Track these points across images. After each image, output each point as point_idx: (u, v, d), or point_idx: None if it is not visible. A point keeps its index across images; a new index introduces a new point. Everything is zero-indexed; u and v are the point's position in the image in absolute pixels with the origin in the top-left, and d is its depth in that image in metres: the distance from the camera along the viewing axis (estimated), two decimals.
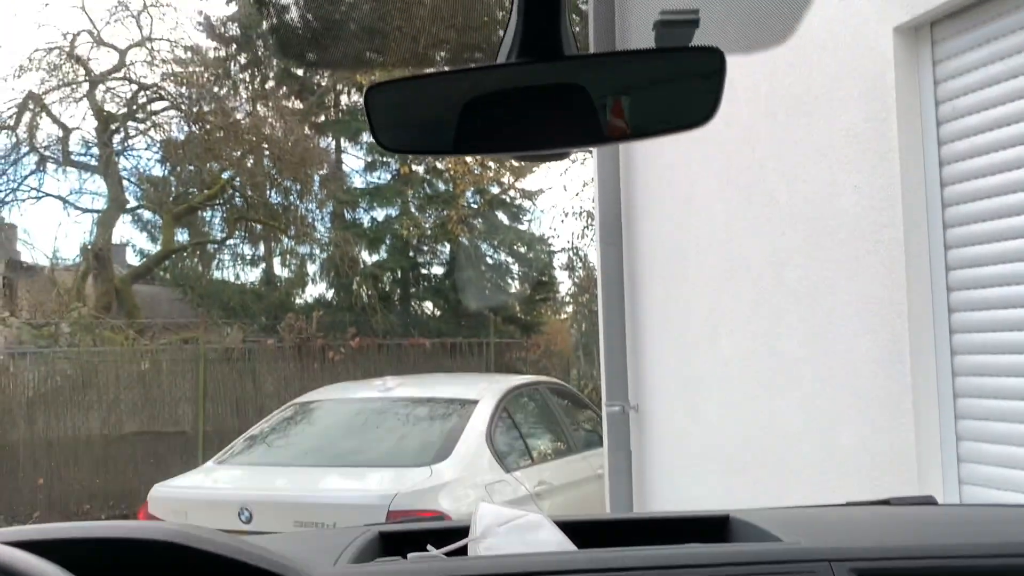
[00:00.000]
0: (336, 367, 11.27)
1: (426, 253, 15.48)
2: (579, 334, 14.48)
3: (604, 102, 1.09)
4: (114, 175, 14.32)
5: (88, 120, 14.70)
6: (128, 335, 11.93)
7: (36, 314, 12.69)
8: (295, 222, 14.60)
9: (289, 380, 11.12)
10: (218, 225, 15.80)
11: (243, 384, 11.29)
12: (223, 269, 15.83)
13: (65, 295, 13.21)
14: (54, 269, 14.42)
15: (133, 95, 14.58)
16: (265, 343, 11.92)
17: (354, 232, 14.64)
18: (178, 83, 14.30)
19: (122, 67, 14.43)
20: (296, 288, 15.38)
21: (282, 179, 14.49)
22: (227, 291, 14.77)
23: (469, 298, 14.02)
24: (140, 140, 14.82)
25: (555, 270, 16.00)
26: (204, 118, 14.06)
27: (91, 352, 11.13)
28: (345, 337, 11.95)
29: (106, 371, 10.90)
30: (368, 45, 1.32)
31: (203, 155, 14.01)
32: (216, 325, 13.20)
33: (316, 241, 14.92)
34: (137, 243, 16.05)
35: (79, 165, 14.56)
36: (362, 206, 15.28)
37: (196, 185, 14.94)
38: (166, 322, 13.59)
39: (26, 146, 13.96)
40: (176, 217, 14.78)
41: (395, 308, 14.72)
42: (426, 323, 14.41)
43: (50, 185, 17.28)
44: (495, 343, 12.86)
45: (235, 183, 14.89)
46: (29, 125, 13.93)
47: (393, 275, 15.14)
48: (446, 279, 15.11)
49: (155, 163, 15.04)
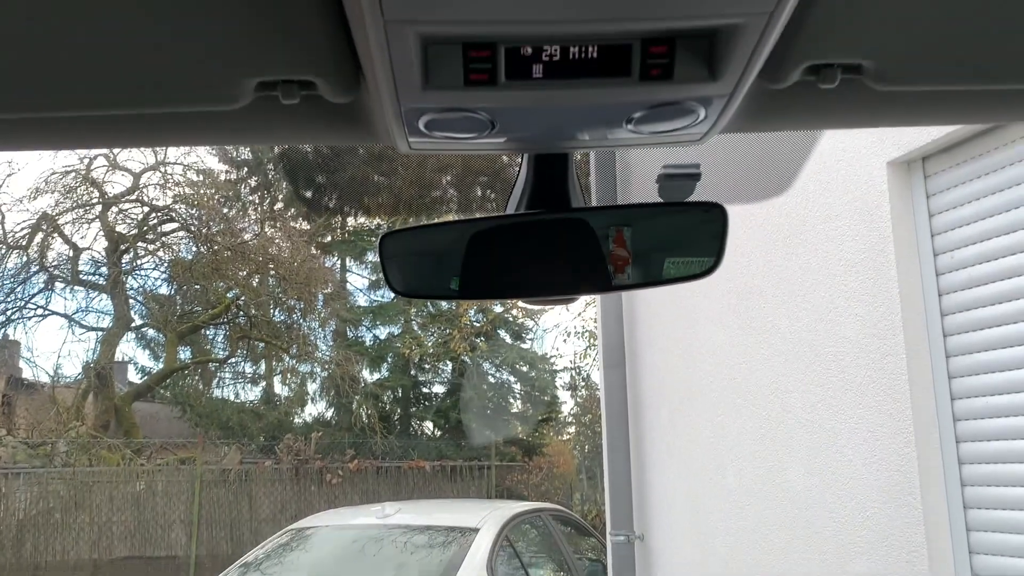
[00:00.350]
0: (334, 490, 11.05)
1: (428, 372, 15.44)
2: (582, 456, 14.25)
3: (611, 251, 1.12)
4: (121, 294, 14.46)
5: (99, 241, 14.98)
6: (124, 455, 11.76)
7: (33, 433, 12.55)
8: (297, 340, 14.63)
9: (286, 503, 10.88)
10: (221, 343, 15.82)
11: (239, 507, 11.04)
12: (223, 387, 15.75)
13: (64, 413, 13.09)
14: (55, 387, 14.34)
15: (144, 216, 14.90)
16: (263, 464, 11.74)
17: (356, 350, 14.65)
18: (189, 205, 14.64)
19: (135, 190, 14.81)
20: (295, 407, 15.25)
21: (287, 298, 14.62)
22: (226, 410, 14.64)
23: (471, 423, 13.88)
24: (149, 260, 15.05)
25: (557, 389, 15.90)
26: (213, 239, 14.32)
27: (86, 472, 10.95)
28: (344, 459, 11.78)
29: (100, 492, 10.69)
30: (375, 193, 1.37)
31: (210, 274, 14.19)
32: (214, 445, 13.03)
33: (317, 359, 14.91)
34: (139, 361, 16.06)
35: (87, 284, 14.73)
36: (365, 324, 15.35)
37: (201, 303, 15.06)
38: (164, 441, 13.41)
39: (36, 265, 14.16)
40: (180, 335, 14.83)
41: (395, 428, 14.56)
42: (426, 444, 14.21)
43: (56, 303, 17.44)
44: (496, 466, 12.64)
45: (240, 302, 15.01)
46: (41, 245, 14.17)
47: (394, 394, 15.05)
48: (447, 398, 15.00)
49: (162, 282, 15.21)
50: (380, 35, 0.75)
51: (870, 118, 1.08)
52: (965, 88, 1.00)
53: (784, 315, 3.99)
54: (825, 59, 0.89)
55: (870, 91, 0.97)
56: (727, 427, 4.40)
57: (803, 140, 1.31)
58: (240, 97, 0.89)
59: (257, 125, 1.02)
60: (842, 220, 3.66)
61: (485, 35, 0.78)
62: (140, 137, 1.08)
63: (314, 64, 0.85)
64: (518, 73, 0.82)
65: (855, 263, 3.57)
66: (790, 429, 3.91)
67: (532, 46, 0.80)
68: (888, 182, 3.41)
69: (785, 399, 3.95)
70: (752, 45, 0.80)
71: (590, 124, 0.97)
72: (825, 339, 3.72)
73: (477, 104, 0.87)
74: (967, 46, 0.89)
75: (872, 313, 3.46)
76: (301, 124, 1.02)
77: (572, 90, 0.85)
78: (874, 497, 3.41)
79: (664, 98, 0.88)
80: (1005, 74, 0.95)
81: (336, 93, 0.90)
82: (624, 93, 0.86)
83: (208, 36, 0.80)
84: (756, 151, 1.33)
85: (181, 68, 0.85)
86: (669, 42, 0.81)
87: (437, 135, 0.95)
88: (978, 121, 1.12)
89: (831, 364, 3.68)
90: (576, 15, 0.75)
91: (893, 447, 3.33)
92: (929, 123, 1.12)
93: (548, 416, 15.90)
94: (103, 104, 0.92)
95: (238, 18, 0.78)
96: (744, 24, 0.77)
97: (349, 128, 1.04)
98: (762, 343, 4.12)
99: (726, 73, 0.83)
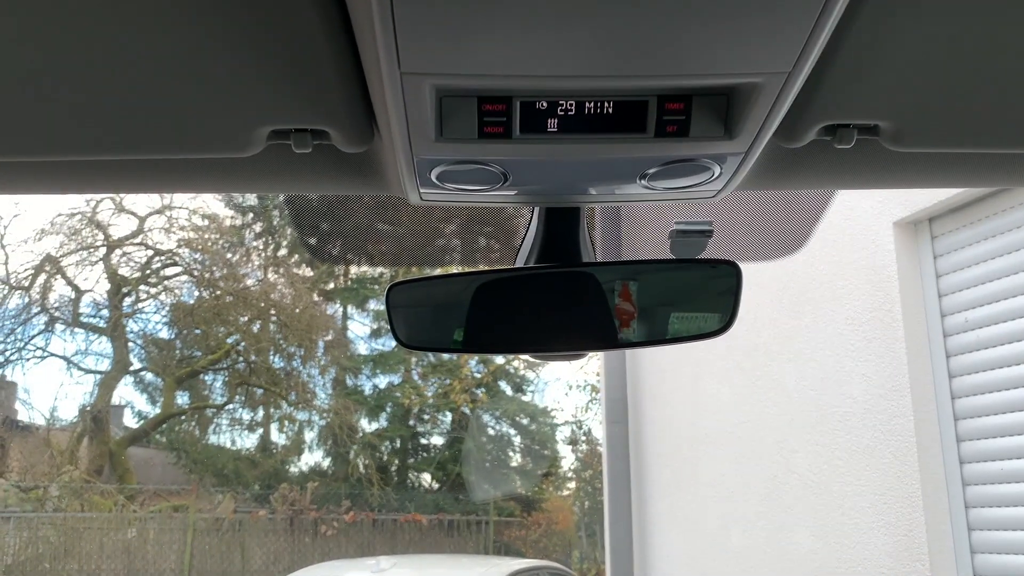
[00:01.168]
0: (328, 542, 10.87)
1: (427, 422, 15.30)
2: (582, 512, 14.04)
3: (620, 307, 1.10)
4: (121, 337, 14.43)
5: (101, 283, 15.00)
6: (117, 500, 11.60)
7: (26, 476, 12.40)
8: (296, 387, 14.54)
9: (279, 555, 10.69)
10: (219, 389, 15.72)
11: (231, 557, 10.85)
12: (220, 434, 15.59)
13: (58, 457, 12.95)
14: (50, 429, 14.21)
15: (148, 260, 14.94)
16: (257, 514, 11.56)
17: (355, 399, 14.54)
18: (192, 249, 14.69)
19: (140, 233, 14.87)
20: (292, 455, 15.07)
21: (287, 344, 14.57)
22: (222, 457, 14.48)
23: (470, 476, 13.71)
24: (150, 303, 15.05)
25: (558, 443, 15.73)
26: (215, 283, 14.33)
27: (77, 518, 10.79)
28: (339, 510, 11.61)
29: (91, 539, 10.51)
30: (381, 243, 1.38)
31: (211, 319, 14.17)
32: (208, 492, 12.86)
33: (316, 407, 14.80)
34: (136, 405, 15.91)
35: (87, 327, 14.70)
36: (365, 373, 15.26)
37: (201, 348, 15.00)
38: (158, 488, 13.24)
39: (37, 307, 14.15)
40: (178, 380, 14.74)
41: (392, 480, 14.38)
42: (423, 497, 14.02)
43: (56, 345, 17.39)
44: (495, 521, 12.44)
45: (240, 347, 14.96)
46: (43, 287, 14.19)
47: (392, 444, 14.89)
48: (446, 450, 14.84)
49: (162, 326, 15.18)
50: (396, 87, 0.74)
51: (885, 179, 1.07)
52: (981, 151, 0.99)
53: (790, 373, 3.96)
54: (842, 120, 0.88)
55: (886, 152, 0.96)
56: (732, 487, 4.33)
57: (817, 199, 1.30)
58: (252, 145, 0.88)
59: (268, 173, 1.01)
60: (849, 279, 3.64)
61: (500, 89, 0.77)
62: (150, 183, 1.07)
63: (328, 114, 0.84)
64: (533, 127, 0.81)
65: (862, 323, 3.54)
66: (796, 490, 3.84)
67: (547, 100, 0.79)
68: (895, 242, 3.40)
69: (790, 459, 3.89)
70: (769, 104, 0.79)
71: (604, 179, 0.96)
72: (832, 399, 3.68)
73: (490, 156, 0.86)
74: (984, 109, 0.88)
75: (879, 373, 3.43)
76: (312, 173, 1.01)
77: (586, 144, 0.84)
78: (882, 562, 3.33)
79: (679, 155, 0.87)
80: (1021, 138, 0.94)
81: (349, 143, 0.89)
82: (639, 149, 0.85)
83: (223, 83, 0.80)
84: (769, 209, 1.32)
85: (194, 114, 0.84)
86: (686, 99, 0.80)
87: (449, 187, 0.94)
88: (993, 184, 1.11)
89: (838, 425, 3.63)
90: (592, 71, 0.74)
91: (901, 511, 3.26)
92: (944, 185, 1.11)
93: (548, 471, 15.71)
94: (114, 149, 0.91)
95: (253, 66, 0.77)
96: (762, 84, 0.76)
97: (360, 178, 1.03)
98: (768, 401, 4.08)
99: (742, 132, 0.82)
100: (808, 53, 0.71)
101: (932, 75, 0.82)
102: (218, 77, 0.79)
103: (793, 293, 3.98)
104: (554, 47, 0.70)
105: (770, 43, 0.70)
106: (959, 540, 3.13)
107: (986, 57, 0.80)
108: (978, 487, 3.11)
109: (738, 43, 0.70)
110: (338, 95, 0.81)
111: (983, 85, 0.84)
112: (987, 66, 0.81)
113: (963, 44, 0.78)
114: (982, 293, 3.13)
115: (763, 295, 4.12)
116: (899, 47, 0.78)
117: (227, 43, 0.74)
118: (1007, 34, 0.77)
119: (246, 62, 0.76)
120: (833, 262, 3.74)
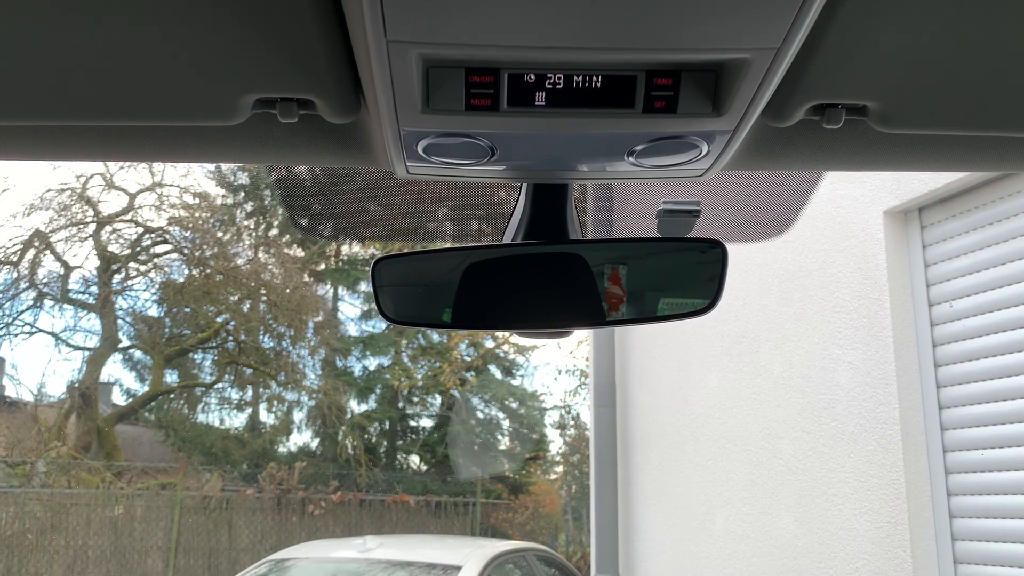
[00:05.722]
0: (316, 521, 10.89)
1: (416, 404, 15.32)
2: (569, 496, 14.11)
3: (606, 287, 1.10)
4: (110, 314, 14.37)
5: (90, 260, 14.93)
6: (104, 477, 11.59)
7: (13, 451, 12.37)
8: (285, 368, 14.53)
9: (266, 533, 10.71)
10: (208, 368, 15.69)
11: (218, 535, 10.86)
12: (208, 413, 15.58)
13: (46, 433, 12.93)
14: (38, 405, 14.18)
15: (138, 237, 14.86)
16: (244, 492, 11.57)
17: (344, 380, 14.54)
18: (183, 227, 14.62)
19: (130, 210, 14.79)
20: (280, 435, 15.08)
21: (277, 324, 14.55)
22: (210, 435, 14.48)
23: (458, 459, 13.76)
24: (140, 281, 14.98)
25: (546, 427, 15.78)
26: (205, 262, 14.28)
27: (64, 494, 10.77)
28: (327, 490, 11.63)
29: (77, 515, 10.50)
30: (371, 220, 1.36)
31: (201, 298, 14.12)
32: (196, 471, 12.86)
33: (305, 388, 14.80)
34: (125, 382, 15.89)
35: (76, 303, 14.63)
36: (354, 354, 15.26)
37: (190, 327, 14.96)
38: (145, 465, 13.24)
39: (26, 282, 14.07)
40: (167, 358, 14.71)
41: (380, 461, 14.41)
42: (411, 478, 14.07)
43: (44, 321, 17.31)
44: (482, 503, 12.50)
45: (229, 326, 14.92)
46: (32, 262, 14.10)
47: (381, 426, 14.92)
48: (434, 432, 14.88)
49: (152, 304, 15.12)
50: (382, 55, 0.73)
51: (873, 161, 1.07)
52: (970, 134, 0.99)
53: (777, 360, 3.97)
54: (830, 99, 0.88)
55: (874, 133, 0.96)
56: (717, 471, 4.35)
57: (804, 180, 1.30)
58: (238, 113, 0.87)
59: (254, 143, 1.00)
60: (838, 267, 3.65)
61: (488, 60, 0.77)
62: (134, 151, 1.06)
63: (314, 83, 0.83)
64: (520, 100, 0.80)
65: (850, 310, 3.56)
66: (780, 476, 3.86)
67: (535, 73, 0.79)
68: (884, 231, 3.41)
69: (776, 445, 3.91)
70: (757, 81, 0.79)
71: (591, 154, 0.96)
72: (818, 386, 3.70)
73: (477, 129, 0.86)
74: (973, 92, 0.88)
75: (866, 361, 3.45)
76: (298, 144, 1.01)
77: (574, 119, 0.83)
78: (864, 548, 3.36)
79: (667, 131, 0.87)
80: (1010, 122, 0.94)
81: (335, 113, 0.88)
82: (627, 124, 0.85)
83: (208, 50, 0.79)
84: (757, 190, 1.32)
85: (179, 80, 0.83)
86: (674, 75, 0.80)
87: (435, 160, 0.93)
88: (981, 168, 1.11)
89: (823, 411, 3.65)
90: (581, 44, 0.74)
91: (884, 498, 3.29)
92: (932, 168, 1.11)
93: (536, 454, 15.78)
94: (99, 115, 0.90)
95: (240, 34, 0.76)
96: (750, 60, 0.75)
97: (346, 150, 1.02)
98: (754, 387, 4.09)
99: (730, 109, 0.82)
100: (797, 29, 0.71)
101: (921, 57, 0.82)
102: (202, 43, 0.78)
103: (782, 280, 3.99)
104: (543, 18, 0.70)
105: (759, 18, 0.70)
106: (940, 527, 3.17)
107: (976, 40, 0.80)
108: (961, 475, 3.14)
109: (727, 17, 0.70)
110: (324, 63, 0.80)
111: (972, 67, 0.84)
112: (977, 49, 0.81)
113: (953, 26, 0.78)
114: (970, 283, 3.15)
115: (752, 281, 4.13)
116: (889, 28, 0.77)
117: (212, 8, 0.74)
118: (997, 17, 0.77)
119: (231, 28, 0.76)
120: (822, 250, 3.75)
